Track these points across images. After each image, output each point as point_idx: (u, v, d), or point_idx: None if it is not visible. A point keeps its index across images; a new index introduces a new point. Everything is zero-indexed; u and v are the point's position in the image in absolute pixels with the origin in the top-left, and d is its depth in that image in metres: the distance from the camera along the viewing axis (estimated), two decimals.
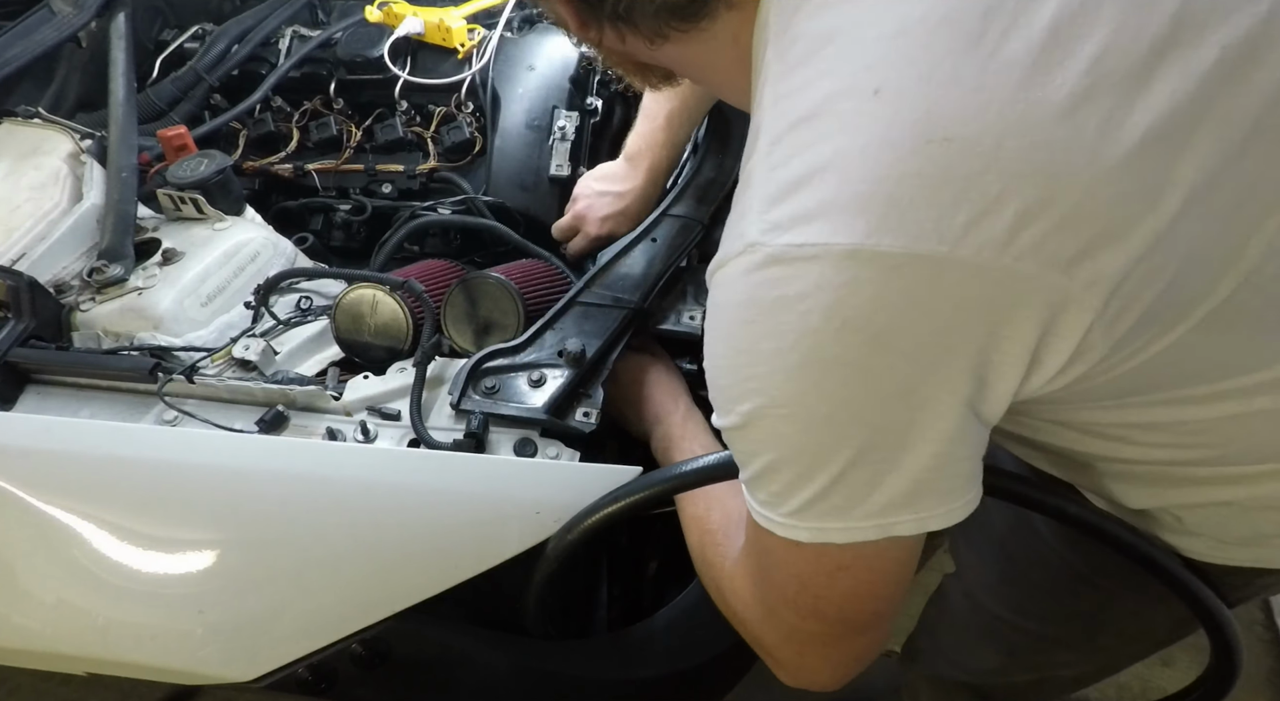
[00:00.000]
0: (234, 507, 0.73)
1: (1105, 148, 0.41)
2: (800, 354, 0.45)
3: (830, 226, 0.42)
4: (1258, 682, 1.51)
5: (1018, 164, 0.41)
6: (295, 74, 1.19)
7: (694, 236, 0.91)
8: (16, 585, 0.73)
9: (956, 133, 0.41)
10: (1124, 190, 0.42)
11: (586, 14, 0.59)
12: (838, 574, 0.52)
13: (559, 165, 1.10)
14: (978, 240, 0.41)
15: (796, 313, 0.44)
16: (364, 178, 1.17)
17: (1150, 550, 0.64)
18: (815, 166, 0.44)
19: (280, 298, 0.94)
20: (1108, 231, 0.42)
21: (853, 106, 0.44)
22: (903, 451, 0.47)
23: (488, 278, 0.87)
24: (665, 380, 0.88)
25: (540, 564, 0.72)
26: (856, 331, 0.43)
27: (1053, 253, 0.42)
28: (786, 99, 0.47)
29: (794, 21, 0.49)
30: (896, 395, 0.45)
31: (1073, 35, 0.42)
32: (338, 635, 0.71)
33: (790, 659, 0.60)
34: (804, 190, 0.44)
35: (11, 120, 1.05)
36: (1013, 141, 0.41)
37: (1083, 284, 0.42)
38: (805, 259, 0.43)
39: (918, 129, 0.42)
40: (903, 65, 0.43)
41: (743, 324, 0.47)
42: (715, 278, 0.50)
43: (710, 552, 0.68)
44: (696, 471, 0.67)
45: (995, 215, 0.41)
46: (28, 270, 0.89)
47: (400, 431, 0.80)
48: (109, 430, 0.78)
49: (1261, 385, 0.51)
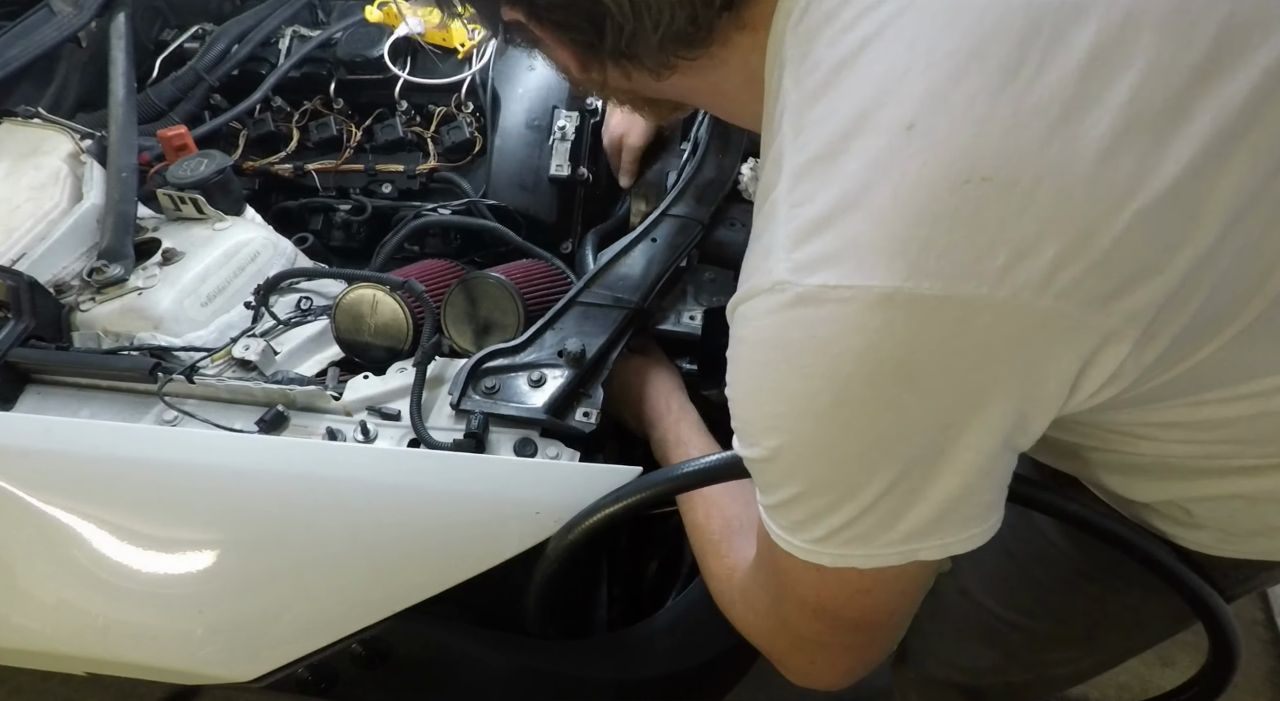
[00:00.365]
0: (234, 507, 0.73)
1: (1142, 187, 0.40)
2: (832, 396, 0.44)
3: (864, 267, 0.41)
4: (1258, 682, 1.51)
5: (1056, 205, 0.40)
6: (295, 74, 1.19)
7: (694, 236, 0.91)
8: (16, 585, 0.73)
9: (994, 173, 0.40)
10: (1162, 225, 0.41)
11: (587, 56, 0.58)
12: (858, 596, 0.52)
13: (559, 165, 1.10)
14: (1016, 282, 0.40)
15: (829, 356, 0.43)
16: (364, 178, 1.17)
17: (1146, 545, 0.64)
18: (844, 203, 0.43)
19: (280, 298, 0.94)
20: (1146, 267, 0.41)
21: (884, 142, 0.42)
22: (932, 482, 0.46)
23: (488, 278, 0.87)
24: (660, 380, 0.88)
25: (540, 564, 0.72)
26: (891, 374, 0.43)
27: (1091, 292, 0.41)
28: (810, 130, 0.46)
29: (813, 48, 0.47)
30: (928, 430, 0.45)
31: (1111, 65, 0.41)
32: (338, 635, 0.71)
33: (801, 666, 0.61)
34: (832, 228, 0.43)
35: (11, 120, 1.05)
36: (1051, 182, 0.40)
37: (1122, 319, 0.42)
38: (837, 301, 0.42)
39: (954, 169, 0.41)
40: (936, 101, 0.42)
41: (769, 364, 0.47)
42: (739, 312, 0.49)
43: (714, 563, 0.68)
44: (696, 472, 0.67)
45: (1034, 257, 0.40)
46: (28, 270, 0.89)
47: (400, 431, 0.80)
48: (109, 430, 0.78)
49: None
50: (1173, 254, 0.42)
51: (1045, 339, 0.42)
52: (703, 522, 0.70)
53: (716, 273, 0.92)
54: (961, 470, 0.46)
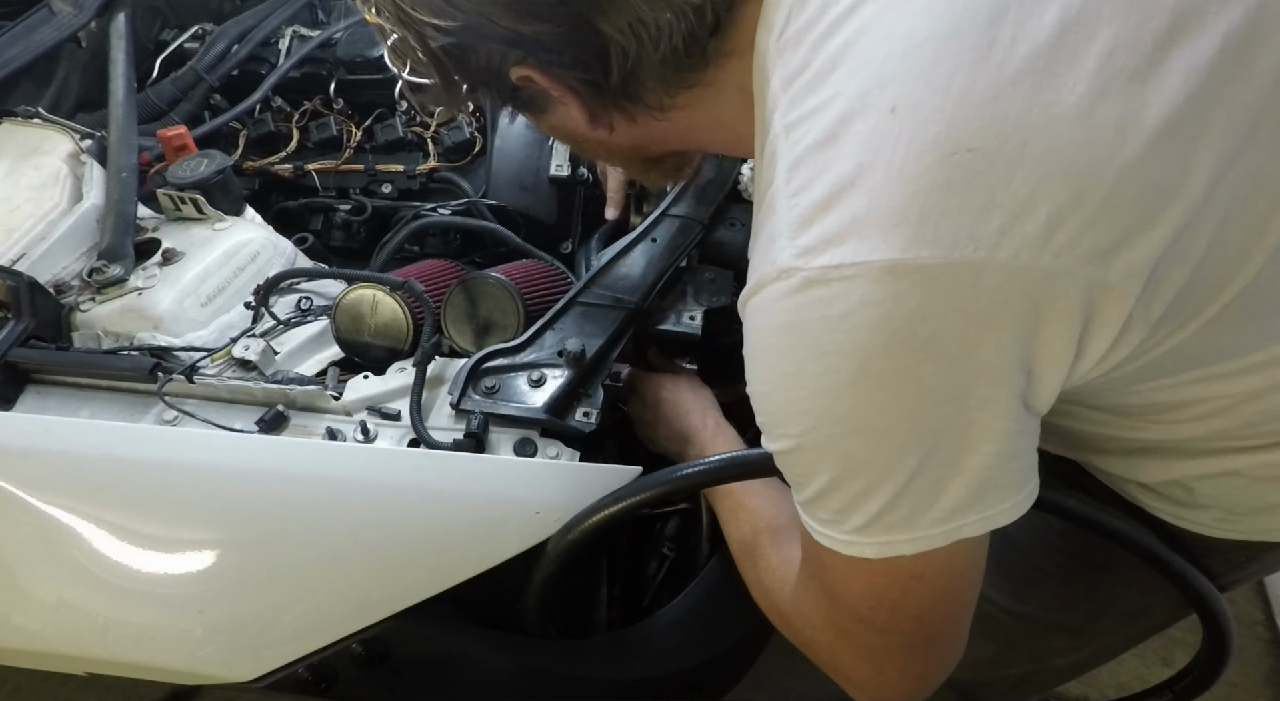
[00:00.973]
0: (234, 507, 0.73)
1: (1126, 142, 0.42)
2: (850, 371, 0.45)
3: (865, 244, 0.43)
4: (1257, 682, 1.51)
5: (1043, 166, 0.42)
6: (295, 74, 1.19)
7: (694, 236, 0.91)
8: (16, 585, 0.73)
9: (979, 142, 0.42)
10: (1149, 181, 0.43)
11: (595, 103, 0.60)
12: (912, 584, 0.52)
13: (559, 165, 1.10)
14: (1015, 243, 0.42)
15: (842, 331, 0.44)
16: (364, 178, 1.17)
17: (1138, 534, 0.65)
18: (839, 186, 0.44)
19: (280, 298, 0.94)
20: (1139, 221, 0.43)
21: (870, 126, 0.44)
22: (965, 453, 0.47)
23: (488, 278, 0.87)
24: (692, 398, 0.87)
25: (540, 564, 0.72)
26: (904, 343, 0.44)
27: (1089, 248, 0.43)
28: (800, 125, 0.48)
29: (796, 54, 0.49)
30: (951, 399, 0.46)
31: (1079, 37, 0.43)
32: (338, 635, 0.71)
33: (868, 677, 0.59)
34: (831, 211, 0.44)
35: (11, 120, 1.05)
36: (1035, 145, 0.42)
37: (1120, 274, 0.43)
38: (844, 279, 0.44)
39: (940, 142, 0.42)
40: (916, 81, 0.44)
41: (785, 348, 0.47)
42: (750, 304, 0.50)
43: (767, 577, 0.67)
44: (697, 473, 0.67)
45: (1028, 217, 0.42)
46: (28, 270, 0.89)
47: (400, 431, 0.80)
48: (109, 430, 0.78)
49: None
50: (1164, 207, 0.43)
51: (1049, 297, 0.43)
52: (750, 539, 0.69)
53: (716, 273, 0.92)
54: (991, 437, 0.47)
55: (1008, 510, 0.50)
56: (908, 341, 0.44)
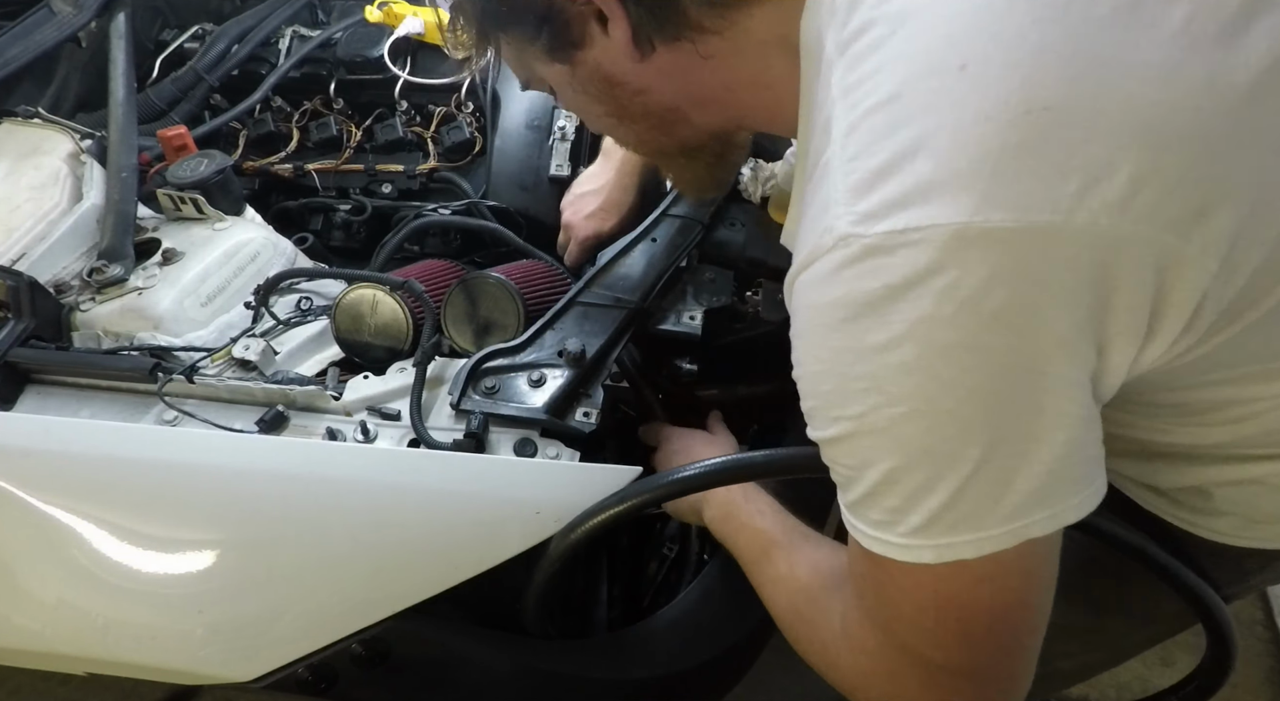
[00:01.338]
0: (234, 508, 0.73)
1: (1210, 106, 0.40)
2: (916, 343, 0.42)
3: (932, 208, 0.40)
4: (1257, 682, 1.51)
5: (1123, 128, 0.40)
6: (295, 74, 1.19)
7: (694, 236, 0.91)
8: (16, 585, 0.73)
9: (1055, 102, 0.40)
10: (1230, 150, 0.41)
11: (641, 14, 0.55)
12: (978, 586, 0.47)
13: (559, 165, 1.10)
14: (1092, 207, 0.39)
15: (907, 301, 0.41)
16: (364, 178, 1.17)
17: (1141, 542, 0.64)
18: (905, 149, 0.42)
19: (280, 298, 0.94)
20: (1218, 192, 0.41)
21: (937, 84, 0.42)
22: (1034, 442, 0.44)
23: (488, 277, 0.87)
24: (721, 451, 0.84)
25: (542, 563, 0.72)
26: (973, 312, 0.41)
27: (1169, 216, 0.40)
28: (859, 87, 0.45)
29: (854, 15, 0.47)
30: (1023, 377, 0.42)
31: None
32: (338, 635, 0.71)
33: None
34: (896, 175, 0.42)
35: (11, 120, 1.05)
36: (1115, 106, 0.40)
37: (1199, 246, 0.41)
38: (909, 245, 0.41)
39: (1014, 100, 0.40)
40: (986, 39, 0.41)
41: (844, 321, 0.44)
42: (801, 279, 0.46)
43: (808, 609, 0.61)
44: (698, 474, 0.67)
45: (1108, 181, 0.39)
46: (28, 270, 0.89)
47: (400, 431, 0.80)
48: (109, 430, 0.78)
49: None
50: (1243, 182, 0.41)
51: (1120, 264, 0.41)
52: (787, 574, 0.64)
53: (716, 273, 0.92)
54: (1061, 424, 0.43)
55: (1075, 506, 0.46)
56: (977, 311, 0.41)
